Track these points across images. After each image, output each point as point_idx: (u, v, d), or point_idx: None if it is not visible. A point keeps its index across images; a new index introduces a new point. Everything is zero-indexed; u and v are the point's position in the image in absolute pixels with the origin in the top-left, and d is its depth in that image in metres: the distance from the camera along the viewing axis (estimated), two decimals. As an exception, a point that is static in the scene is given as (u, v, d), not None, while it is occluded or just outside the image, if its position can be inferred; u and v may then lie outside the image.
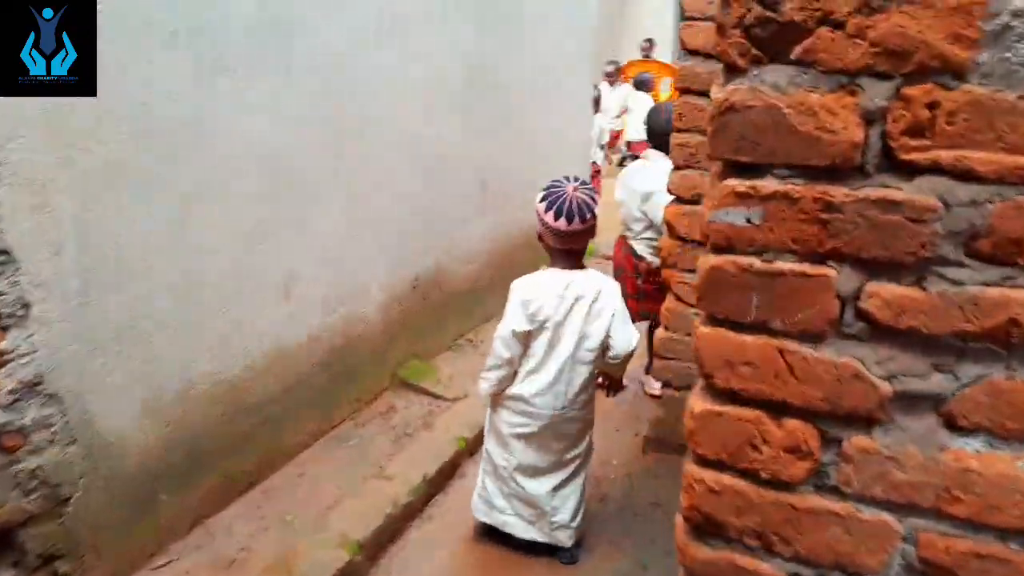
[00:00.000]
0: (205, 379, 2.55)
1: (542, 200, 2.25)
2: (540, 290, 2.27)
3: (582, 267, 2.33)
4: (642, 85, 8.45)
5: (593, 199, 2.25)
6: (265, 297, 2.79)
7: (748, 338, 0.77)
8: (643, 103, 7.81)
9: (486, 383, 2.40)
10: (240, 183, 2.57)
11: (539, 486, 2.44)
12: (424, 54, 3.49)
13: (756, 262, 0.75)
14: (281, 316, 2.88)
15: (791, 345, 0.75)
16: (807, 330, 0.74)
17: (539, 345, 2.29)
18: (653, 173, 3.17)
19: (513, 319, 2.28)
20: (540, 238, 2.31)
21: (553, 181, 2.29)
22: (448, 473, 3.01)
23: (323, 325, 3.12)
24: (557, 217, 2.21)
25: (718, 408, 0.80)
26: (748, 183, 0.73)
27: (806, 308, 0.74)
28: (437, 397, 3.52)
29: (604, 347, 2.30)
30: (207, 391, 2.57)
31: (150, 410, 2.37)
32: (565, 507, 2.46)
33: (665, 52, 11.66)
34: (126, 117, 2.11)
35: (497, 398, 2.42)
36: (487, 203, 4.32)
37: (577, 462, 2.47)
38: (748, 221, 0.74)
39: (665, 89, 10.54)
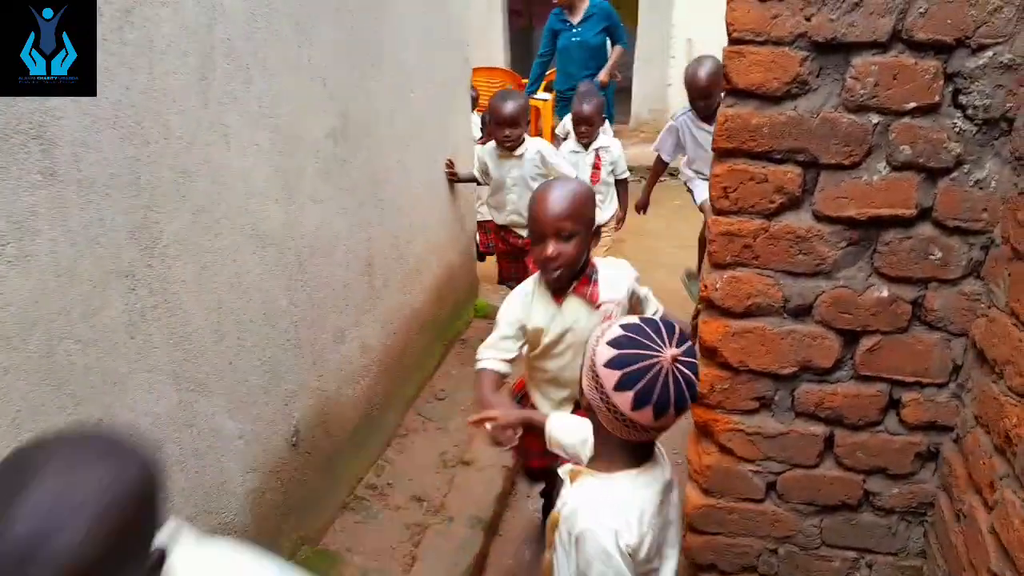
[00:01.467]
0: None
1: (614, 367, 1.26)
2: (633, 515, 1.32)
3: (656, 449, 1.46)
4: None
5: (697, 372, 1.31)
6: None
7: None
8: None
9: None
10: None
11: None
12: (273, 106, 2.29)
13: None
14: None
15: None
16: None
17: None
18: None
19: None
20: (587, 410, 1.37)
21: (630, 331, 1.29)
22: None
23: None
24: (639, 406, 1.24)
25: None
26: None
27: None
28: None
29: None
30: None
31: None
32: None
33: (496, 54, 10.59)
34: None
35: None
36: (376, 292, 3.16)
37: None
38: None
39: (547, 96, 7.98)
